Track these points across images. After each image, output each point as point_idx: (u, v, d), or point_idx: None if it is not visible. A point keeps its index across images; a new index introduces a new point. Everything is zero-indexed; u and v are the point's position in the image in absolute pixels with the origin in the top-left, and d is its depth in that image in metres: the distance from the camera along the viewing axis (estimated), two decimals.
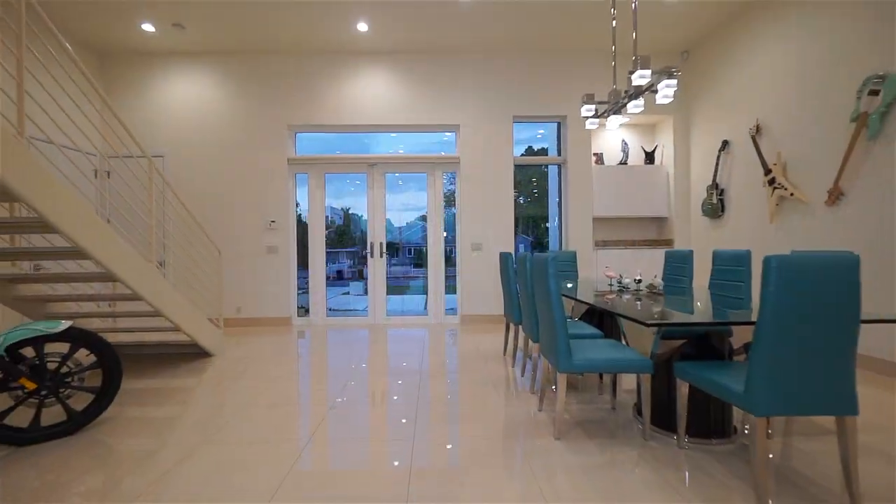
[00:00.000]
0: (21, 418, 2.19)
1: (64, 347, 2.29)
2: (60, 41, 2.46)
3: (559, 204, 5.76)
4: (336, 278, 6.19)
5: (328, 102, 5.41)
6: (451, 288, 5.66)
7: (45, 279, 3.06)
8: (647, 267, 5.20)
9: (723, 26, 4.83)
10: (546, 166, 5.96)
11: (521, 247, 6.27)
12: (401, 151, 5.79)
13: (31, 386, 2.11)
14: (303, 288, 5.65)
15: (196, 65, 5.33)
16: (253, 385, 3.10)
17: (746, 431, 2.18)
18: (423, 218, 5.83)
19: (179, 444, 2.14)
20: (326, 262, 5.62)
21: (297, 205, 5.62)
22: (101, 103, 3.77)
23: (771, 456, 1.99)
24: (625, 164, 5.72)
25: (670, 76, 2.58)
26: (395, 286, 5.81)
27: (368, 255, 5.58)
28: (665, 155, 5.66)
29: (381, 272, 5.57)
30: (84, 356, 2.40)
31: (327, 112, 5.41)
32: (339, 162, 5.58)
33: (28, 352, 2.20)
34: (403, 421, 2.41)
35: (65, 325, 2.21)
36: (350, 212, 6.25)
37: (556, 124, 5.77)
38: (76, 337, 2.26)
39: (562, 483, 1.76)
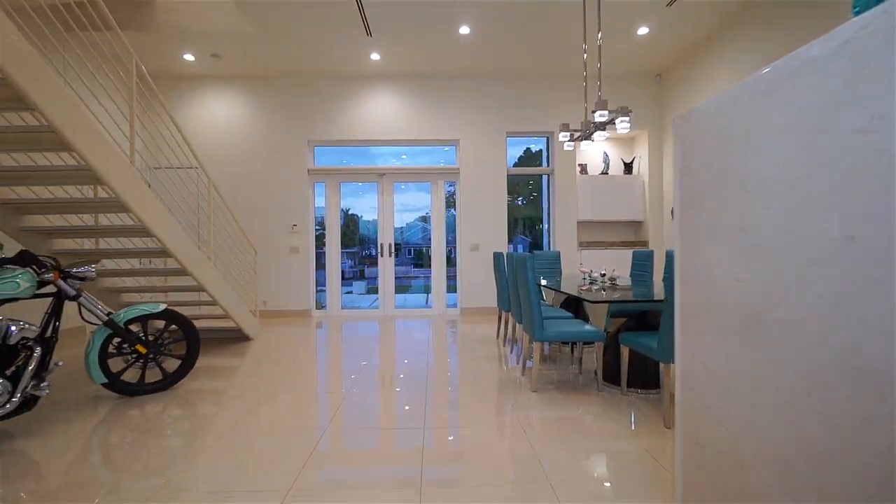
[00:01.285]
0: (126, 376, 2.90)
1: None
2: (152, 87, 3.18)
3: (548, 208, 6.49)
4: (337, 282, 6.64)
5: (343, 120, 6.13)
6: (451, 287, 6.37)
7: (128, 273, 3.77)
8: (625, 265, 5.92)
9: (688, 55, 5.56)
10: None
11: (521, 247, 6.98)
12: (404, 157, 6.51)
13: (143, 350, 2.84)
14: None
15: (228, 88, 6.06)
16: (294, 359, 3.82)
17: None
18: (423, 219, 6.54)
19: (236, 407, 2.86)
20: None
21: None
22: (138, 122, 4.49)
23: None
24: (606, 173, 6.45)
25: (625, 114, 3.30)
26: (397, 286, 6.47)
27: (379, 255, 6.31)
28: (642, 166, 6.39)
29: (391, 270, 6.30)
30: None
31: (342, 128, 6.13)
32: (353, 172, 6.31)
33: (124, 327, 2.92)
34: (418, 380, 3.14)
35: (162, 306, 2.93)
36: (349, 212, 6.86)
37: (545, 138, 6.50)
38: (169, 316, 2.98)
39: (533, 416, 2.48)
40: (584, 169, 6.47)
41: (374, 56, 5.51)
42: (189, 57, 5.43)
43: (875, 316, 0.54)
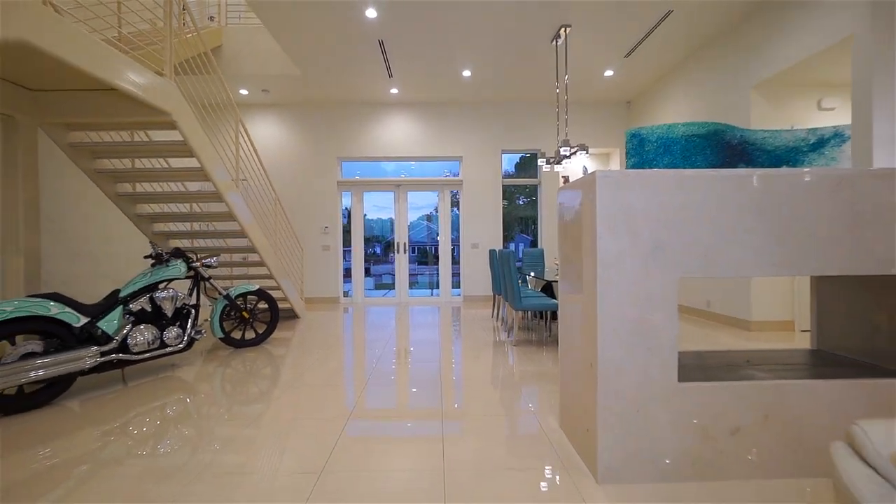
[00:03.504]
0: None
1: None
2: (246, 129, 4.46)
3: (538, 213, 7.74)
4: (346, 276, 7.63)
5: (366, 140, 7.40)
6: (454, 284, 7.62)
7: (227, 265, 5.05)
8: None
9: (652, 86, 6.79)
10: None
11: (522, 245, 8.20)
12: (413, 167, 7.76)
13: (246, 316, 4.12)
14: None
15: (273, 114, 7.33)
16: (339, 329, 5.10)
17: None
18: (427, 217, 7.76)
19: (295, 366, 4.14)
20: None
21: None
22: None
23: None
24: None
25: (584, 149, 4.55)
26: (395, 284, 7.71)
27: (395, 252, 7.58)
28: None
29: (405, 265, 7.57)
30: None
31: (366, 146, 7.40)
32: (374, 183, 7.59)
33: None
34: (432, 341, 4.41)
35: (257, 286, 4.21)
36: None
37: (534, 154, 7.75)
38: (260, 293, 4.26)
39: (513, 356, 3.75)
40: (566, 180, 7.71)
41: (393, 90, 6.77)
42: (244, 91, 6.70)
43: (590, 276, 1.78)
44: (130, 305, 3.20)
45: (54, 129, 3.26)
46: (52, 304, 2.75)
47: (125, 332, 3.08)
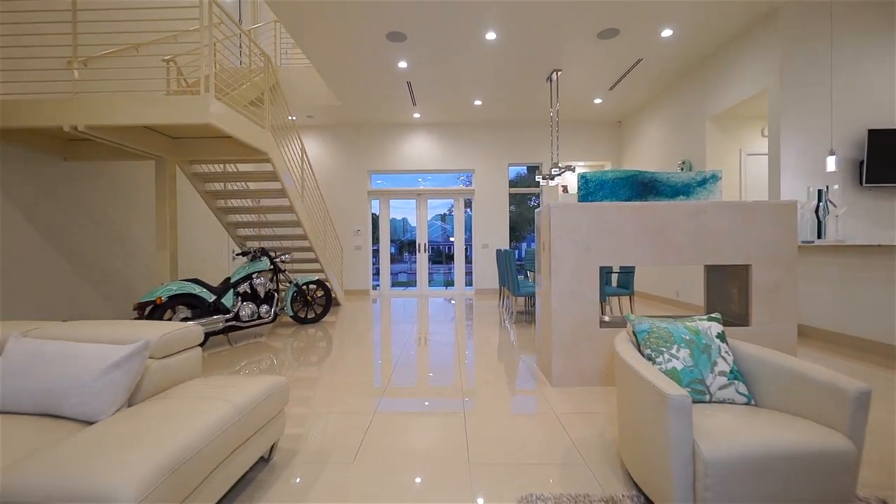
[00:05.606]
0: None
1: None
2: (306, 154, 5.77)
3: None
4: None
5: (393, 155, 8.68)
6: (467, 281, 8.85)
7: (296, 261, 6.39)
8: None
9: (639, 108, 7.91)
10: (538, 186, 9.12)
11: (532, 244, 9.37)
12: (429, 178, 9.02)
13: (309, 299, 5.43)
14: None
15: (315, 134, 8.67)
16: (377, 313, 6.38)
17: None
18: (441, 217, 8.99)
19: (342, 344, 5.43)
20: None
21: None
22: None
23: None
24: None
25: (571, 169, 5.74)
26: (412, 282, 9.00)
27: (417, 252, 8.85)
28: None
29: (425, 263, 8.84)
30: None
31: (392, 161, 8.68)
32: (399, 192, 8.87)
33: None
34: (448, 321, 5.66)
35: (317, 276, 5.51)
36: (371, 212, 9.33)
37: (536, 166, 8.93)
38: (318, 282, 5.56)
39: (513, 331, 4.98)
40: (565, 189, 8.87)
41: (416, 115, 8.04)
42: (292, 117, 8.04)
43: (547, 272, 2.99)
44: (238, 288, 4.52)
45: (184, 163, 4.59)
46: (194, 285, 4.08)
47: (238, 306, 4.39)
